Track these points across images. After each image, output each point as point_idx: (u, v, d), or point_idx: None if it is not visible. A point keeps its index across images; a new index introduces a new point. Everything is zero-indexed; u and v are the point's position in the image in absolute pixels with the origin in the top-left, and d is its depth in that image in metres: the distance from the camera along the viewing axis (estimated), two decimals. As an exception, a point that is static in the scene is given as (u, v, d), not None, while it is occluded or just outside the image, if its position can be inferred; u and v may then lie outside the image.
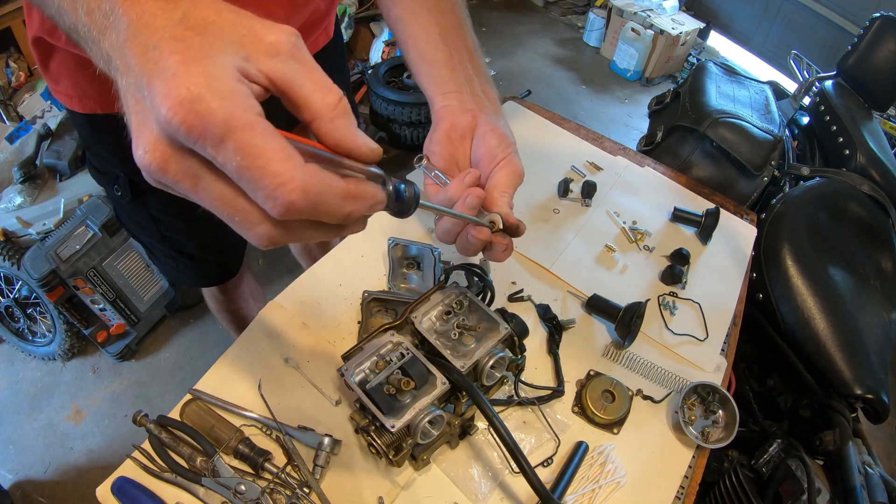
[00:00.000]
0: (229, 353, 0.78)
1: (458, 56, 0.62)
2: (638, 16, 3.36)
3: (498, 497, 0.70)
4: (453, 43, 0.62)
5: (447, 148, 0.59)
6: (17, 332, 1.88)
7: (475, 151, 0.60)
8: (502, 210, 0.55)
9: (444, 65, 0.61)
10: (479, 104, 0.60)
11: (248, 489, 0.64)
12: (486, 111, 0.60)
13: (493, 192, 0.56)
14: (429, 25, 0.63)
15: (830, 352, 1.00)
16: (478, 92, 0.61)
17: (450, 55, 0.62)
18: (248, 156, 0.30)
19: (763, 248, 1.15)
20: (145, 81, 0.30)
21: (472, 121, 0.59)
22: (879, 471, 0.91)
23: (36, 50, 0.75)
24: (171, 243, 1.02)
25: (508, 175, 0.57)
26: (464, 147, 0.60)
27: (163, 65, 0.30)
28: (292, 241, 0.36)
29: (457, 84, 0.61)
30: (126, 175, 0.88)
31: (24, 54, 2.29)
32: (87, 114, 0.80)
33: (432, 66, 0.62)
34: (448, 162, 0.60)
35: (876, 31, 1.50)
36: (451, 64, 0.61)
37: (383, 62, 2.80)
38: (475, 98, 0.61)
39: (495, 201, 0.56)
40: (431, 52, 0.62)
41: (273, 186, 0.30)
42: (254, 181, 0.30)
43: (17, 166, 1.83)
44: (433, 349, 0.67)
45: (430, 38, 0.62)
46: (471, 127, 0.59)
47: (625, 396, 0.78)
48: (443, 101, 0.61)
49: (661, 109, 1.67)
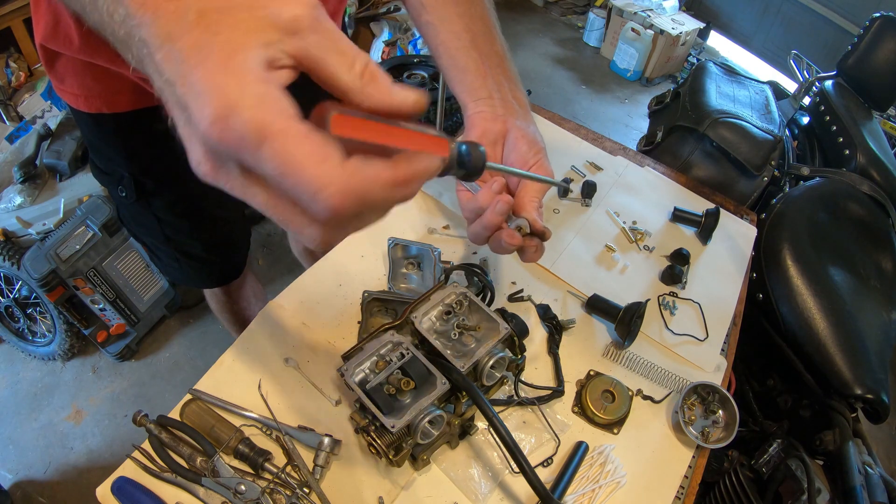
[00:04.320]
0: (229, 353, 0.79)
1: (488, 62, 0.63)
2: (638, 16, 3.36)
3: (498, 497, 0.70)
4: (483, 49, 0.63)
5: None
6: (17, 332, 1.88)
7: (507, 157, 0.61)
8: (530, 216, 0.58)
9: (474, 71, 0.63)
10: (510, 109, 0.62)
11: (248, 489, 0.64)
12: (517, 116, 0.62)
13: (523, 198, 0.59)
14: (459, 32, 0.64)
15: (830, 352, 1.00)
16: (508, 97, 0.63)
17: (480, 61, 0.63)
18: (284, 163, 0.29)
19: (763, 248, 1.15)
20: (182, 100, 0.31)
21: (503, 127, 0.61)
22: (879, 471, 0.91)
23: (42, 50, 0.75)
24: (175, 244, 1.02)
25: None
26: (496, 153, 0.62)
27: (191, 81, 0.30)
28: (348, 234, 0.36)
29: (488, 90, 0.62)
30: (131, 175, 0.88)
31: (24, 54, 2.29)
32: (94, 113, 0.80)
33: (464, 73, 0.63)
34: None
35: (876, 31, 1.50)
36: (482, 70, 0.63)
37: (383, 62, 2.79)
38: (506, 103, 0.62)
39: (524, 206, 0.58)
40: (462, 58, 0.63)
41: (312, 192, 0.30)
42: (293, 188, 0.30)
43: (17, 166, 1.82)
44: (433, 349, 0.67)
45: (460, 44, 0.64)
46: (502, 133, 0.61)
47: (625, 396, 0.78)
48: (475, 107, 0.62)
49: (661, 109, 1.67)
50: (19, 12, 2.14)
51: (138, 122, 0.82)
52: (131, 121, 0.82)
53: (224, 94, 0.29)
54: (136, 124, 0.83)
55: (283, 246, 2.22)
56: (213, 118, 0.29)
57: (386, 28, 3.02)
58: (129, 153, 0.87)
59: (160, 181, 0.91)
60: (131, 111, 0.80)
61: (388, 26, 3.03)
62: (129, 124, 0.83)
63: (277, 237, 2.28)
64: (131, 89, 0.78)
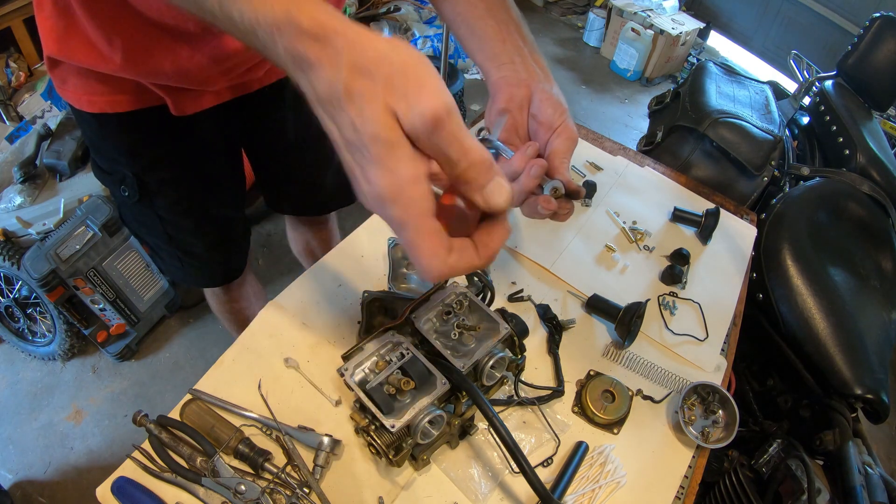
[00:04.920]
0: (229, 353, 0.78)
1: (505, 28, 0.64)
2: (638, 16, 3.36)
3: (498, 497, 0.70)
4: (500, 16, 0.64)
5: (507, 119, 0.62)
6: (17, 332, 1.87)
7: (532, 120, 0.62)
8: (564, 177, 0.59)
9: (494, 38, 0.64)
10: (532, 73, 0.63)
11: (248, 489, 0.64)
12: (539, 79, 0.62)
13: (553, 160, 0.60)
14: (475, 2, 0.65)
15: (830, 352, 1.00)
16: (528, 61, 0.63)
17: (498, 28, 0.64)
18: (410, 246, 0.40)
19: (763, 248, 1.15)
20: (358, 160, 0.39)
21: (527, 91, 0.62)
22: (879, 471, 0.91)
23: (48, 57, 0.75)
24: (177, 244, 1.02)
25: (565, 141, 0.60)
26: (522, 116, 0.63)
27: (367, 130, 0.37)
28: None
29: (509, 56, 0.63)
30: (134, 174, 0.88)
31: (24, 54, 2.29)
32: (96, 113, 0.80)
33: (483, 41, 0.64)
34: (509, 132, 0.63)
35: (876, 31, 1.50)
36: (501, 36, 0.63)
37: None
38: (527, 67, 0.63)
39: (556, 168, 0.59)
40: (481, 26, 0.64)
41: (422, 270, 0.41)
42: (413, 260, 0.41)
43: (17, 166, 1.82)
44: (433, 349, 0.67)
45: (477, 13, 0.65)
46: (527, 97, 0.62)
47: (625, 396, 0.78)
48: (498, 72, 0.63)
49: (661, 109, 1.67)
50: (19, 12, 2.14)
51: (141, 121, 0.82)
52: (134, 120, 0.82)
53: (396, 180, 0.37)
54: (138, 124, 0.83)
55: (283, 246, 2.22)
56: (376, 195, 0.38)
57: (386, 28, 3.02)
58: (132, 153, 0.87)
59: (163, 180, 0.91)
60: (134, 111, 0.80)
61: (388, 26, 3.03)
62: (132, 124, 0.83)
63: (277, 237, 2.28)
64: (134, 89, 0.78)
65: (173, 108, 0.80)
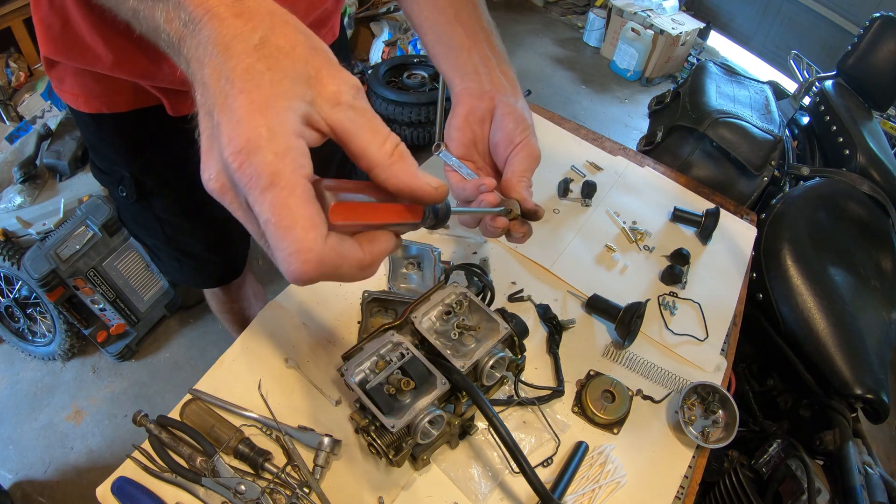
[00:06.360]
0: (229, 353, 0.78)
1: (473, 37, 0.62)
2: (638, 16, 3.36)
3: (498, 497, 0.70)
4: (468, 24, 0.62)
5: (466, 133, 0.60)
6: (17, 332, 1.88)
7: (493, 135, 0.60)
8: (520, 195, 0.57)
9: (460, 47, 0.62)
10: (497, 85, 0.61)
11: (248, 489, 0.64)
12: (504, 92, 0.60)
13: (511, 178, 0.58)
14: (444, 8, 0.63)
15: (830, 352, 1.00)
16: (495, 73, 0.61)
17: (465, 36, 0.62)
18: (278, 214, 0.31)
19: (763, 248, 1.15)
20: (216, 115, 0.33)
21: (490, 103, 0.60)
22: (879, 471, 0.91)
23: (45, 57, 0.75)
24: (175, 244, 1.02)
25: (525, 159, 0.58)
26: (483, 130, 0.61)
27: (231, 104, 0.32)
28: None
29: (473, 65, 0.61)
30: (132, 175, 0.88)
31: (24, 54, 2.29)
32: (93, 113, 0.80)
33: (449, 49, 0.62)
34: (467, 147, 0.60)
35: (876, 31, 1.50)
36: (468, 45, 0.61)
37: (383, 62, 2.80)
38: (493, 79, 0.61)
39: (513, 187, 0.57)
40: (448, 34, 0.62)
41: (290, 251, 0.32)
42: (275, 240, 0.32)
43: (17, 166, 1.82)
44: (433, 349, 0.67)
45: (445, 20, 0.63)
46: (489, 109, 0.60)
47: (625, 396, 0.78)
48: (461, 83, 0.61)
49: (661, 109, 1.67)
50: (19, 12, 2.14)
51: (138, 121, 0.82)
52: (131, 121, 0.82)
53: (256, 131, 0.31)
54: (135, 124, 0.83)
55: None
56: (238, 148, 0.31)
57: (386, 28, 3.02)
58: (130, 153, 0.87)
59: (161, 181, 0.91)
60: (131, 111, 0.80)
61: (388, 26, 3.03)
62: (129, 124, 0.83)
63: (277, 237, 2.28)
64: (131, 90, 0.78)
65: (170, 108, 0.80)
